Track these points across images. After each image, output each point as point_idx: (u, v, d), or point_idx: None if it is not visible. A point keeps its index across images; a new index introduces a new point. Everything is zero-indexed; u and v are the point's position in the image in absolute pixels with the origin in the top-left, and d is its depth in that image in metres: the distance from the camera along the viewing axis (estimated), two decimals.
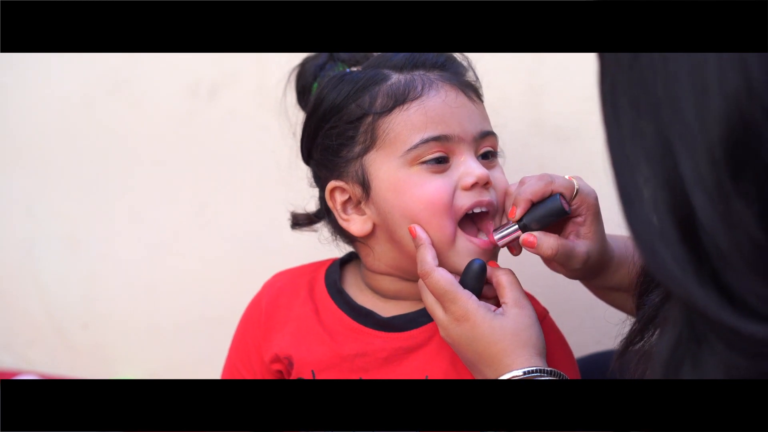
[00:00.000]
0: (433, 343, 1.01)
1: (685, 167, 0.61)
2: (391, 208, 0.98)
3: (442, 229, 0.97)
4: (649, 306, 0.81)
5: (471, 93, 1.01)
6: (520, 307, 0.94)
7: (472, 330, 0.92)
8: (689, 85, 0.61)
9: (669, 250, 0.63)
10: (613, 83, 0.66)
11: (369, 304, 1.05)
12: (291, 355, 1.06)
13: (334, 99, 1.01)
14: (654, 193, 0.63)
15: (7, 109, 1.82)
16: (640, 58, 0.64)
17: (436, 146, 0.97)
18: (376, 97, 0.99)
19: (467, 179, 0.97)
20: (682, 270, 0.63)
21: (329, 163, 1.02)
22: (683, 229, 0.62)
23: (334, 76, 1.04)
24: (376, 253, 1.04)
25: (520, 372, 0.90)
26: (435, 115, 0.97)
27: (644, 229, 0.64)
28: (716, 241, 0.61)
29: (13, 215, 1.85)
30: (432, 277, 0.95)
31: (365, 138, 0.99)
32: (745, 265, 0.61)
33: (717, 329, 0.63)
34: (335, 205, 1.03)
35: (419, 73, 1.00)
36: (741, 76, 0.60)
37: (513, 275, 0.97)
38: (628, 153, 0.64)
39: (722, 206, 0.60)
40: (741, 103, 0.59)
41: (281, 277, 1.14)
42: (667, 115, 0.62)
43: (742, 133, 0.60)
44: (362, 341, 1.03)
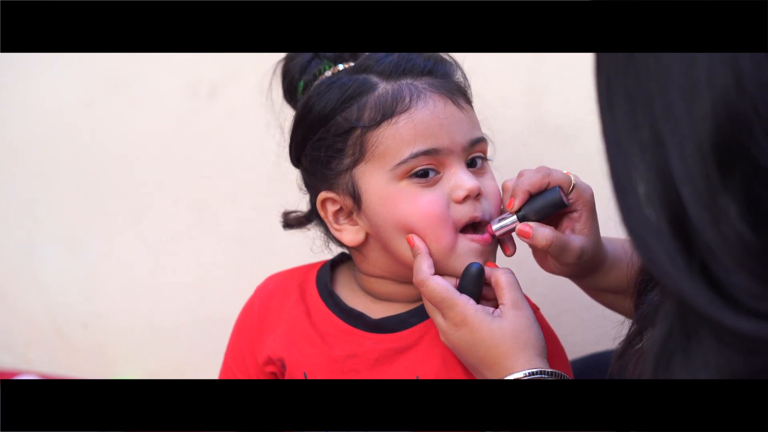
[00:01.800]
0: (424, 344, 1.01)
1: (675, 162, 0.62)
2: (384, 221, 0.98)
3: (442, 239, 0.96)
4: (648, 305, 0.81)
5: (460, 99, 1.00)
6: (518, 309, 0.93)
7: (471, 335, 0.92)
8: (680, 80, 0.61)
9: (662, 244, 0.63)
10: (608, 77, 0.66)
11: (360, 306, 1.05)
12: (283, 358, 1.06)
13: (321, 109, 1.00)
14: (648, 186, 0.63)
15: (7, 109, 1.82)
16: (634, 53, 0.64)
17: (425, 160, 0.96)
18: (363, 109, 0.98)
19: (459, 192, 0.96)
20: (673, 264, 0.63)
21: (319, 173, 1.02)
22: (675, 224, 0.63)
23: (321, 83, 1.02)
24: (370, 260, 1.04)
25: (521, 374, 0.89)
26: (424, 128, 0.96)
27: (638, 222, 0.65)
28: (704, 236, 0.61)
29: (13, 215, 1.85)
30: (427, 285, 0.94)
31: (354, 151, 0.98)
32: (732, 259, 0.61)
33: (707, 324, 0.63)
34: (327, 215, 1.03)
35: (407, 81, 0.99)
36: (731, 72, 0.60)
37: (512, 275, 0.96)
38: (623, 146, 0.65)
39: (710, 201, 0.61)
40: (730, 99, 0.60)
41: (273, 279, 1.14)
42: (659, 109, 0.62)
43: (730, 129, 0.60)
44: (353, 342, 1.03)
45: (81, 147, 1.76)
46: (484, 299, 0.97)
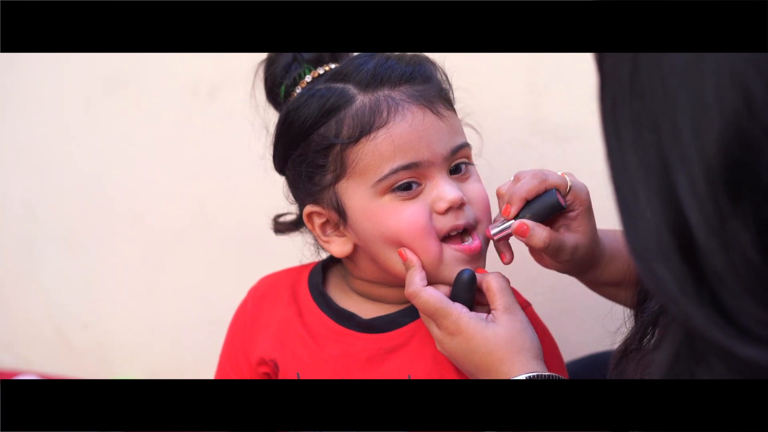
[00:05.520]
0: (415, 343, 1.02)
1: (683, 187, 0.61)
2: (371, 236, 0.98)
3: (428, 250, 0.96)
4: (649, 314, 0.81)
5: (439, 107, 0.98)
6: (510, 313, 0.93)
7: (466, 342, 0.92)
8: (687, 103, 0.60)
9: (669, 270, 0.62)
10: (613, 99, 0.65)
11: (351, 307, 1.05)
12: (275, 358, 1.07)
13: (300, 125, 0.99)
14: (655, 210, 0.62)
15: (7, 109, 1.82)
16: (639, 74, 0.63)
17: (406, 174, 0.96)
18: (342, 125, 0.97)
19: (440, 204, 0.96)
20: (681, 289, 0.62)
21: (303, 188, 1.02)
22: (683, 249, 0.61)
23: (301, 95, 1.02)
24: (361, 267, 1.04)
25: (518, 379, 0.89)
26: (403, 143, 0.95)
27: (644, 246, 0.64)
28: (712, 262, 0.60)
29: (13, 215, 1.85)
30: (420, 297, 0.94)
31: (335, 167, 0.98)
32: (741, 287, 0.60)
33: (715, 350, 0.62)
34: (314, 227, 1.03)
35: (384, 93, 0.97)
36: (740, 95, 0.59)
37: (503, 279, 0.96)
38: (629, 170, 0.64)
39: (719, 227, 0.60)
40: (740, 122, 0.59)
41: (265, 281, 1.15)
42: (666, 133, 0.61)
43: (740, 153, 0.59)
44: (344, 343, 1.04)
45: (81, 147, 1.76)
46: (477, 305, 0.97)
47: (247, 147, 1.60)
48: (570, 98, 1.36)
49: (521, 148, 1.37)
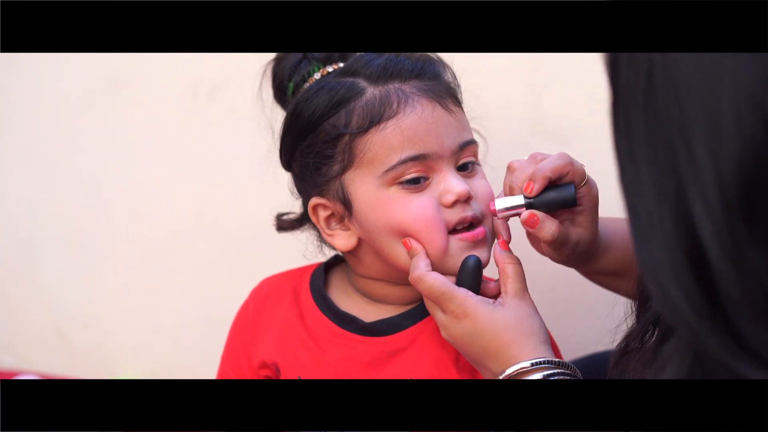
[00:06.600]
0: (417, 346, 1.01)
1: (698, 208, 0.60)
2: (375, 227, 0.98)
3: (434, 241, 0.96)
4: (651, 313, 0.80)
5: (448, 102, 0.99)
6: (520, 298, 0.93)
7: (473, 325, 0.91)
8: (703, 124, 0.59)
9: (682, 291, 0.61)
10: (627, 115, 0.64)
11: (353, 309, 1.05)
12: (277, 362, 1.06)
13: (309, 115, 0.99)
14: (668, 231, 0.62)
15: (7, 109, 1.82)
16: (654, 92, 0.62)
17: (414, 166, 0.96)
18: (351, 116, 0.97)
19: (447, 197, 0.96)
20: (694, 312, 0.61)
21: (309, 179, 1.02)
22: (697, 271, 0.61)
23: (310, 88, 1.02)
24: (364, 263, 1.04)
25: (527, 363, 0.89)
26: (412, 134, 0.96)
27: (657, 267, 0.63)
28: (726, 287, 0.59)
29: (13, 215, 1.85)
30: (424, 282, 0.94)
31: (343, 157, 0.98)
32: (756, 313, 0.59)
33: (726, 374, 0.62)
34: (318, 221, 1.03)
35: (394, 86, 0.98)
36: (758, 115, 0.58)
37: (520, 266, 0.95)
38: (642, 188, 0.63)
39: (734, 252, 0.59)
40: (757, 144, 0.58)
41: (268, 282, 1.14)
42: (680, 153, 0.61)
43: (757, 178, 0.58)
44: (345, 346, 1.03)
45: (81, 147, 1.76)
46: (482, 294, 0.96)
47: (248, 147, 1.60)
48: (570, 98, 1.36)
49: (521, 148, 1.37)
